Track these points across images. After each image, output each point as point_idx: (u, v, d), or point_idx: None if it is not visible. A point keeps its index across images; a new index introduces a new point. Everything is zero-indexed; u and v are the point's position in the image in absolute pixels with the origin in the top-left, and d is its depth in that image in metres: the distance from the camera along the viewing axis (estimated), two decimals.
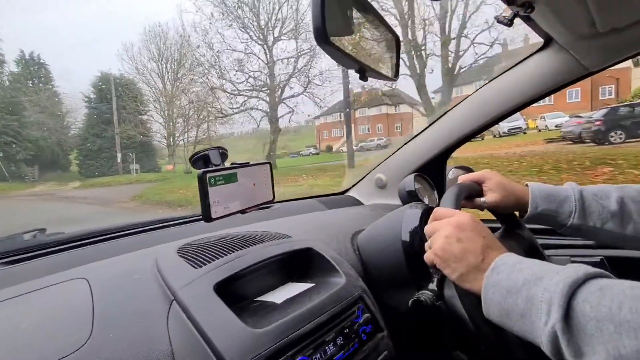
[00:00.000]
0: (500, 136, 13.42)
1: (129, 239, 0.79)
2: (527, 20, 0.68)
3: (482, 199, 0.73)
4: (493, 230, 0.89)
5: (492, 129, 12.08)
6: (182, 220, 0.92)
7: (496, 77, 0.96)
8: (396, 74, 0.56)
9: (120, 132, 19.42)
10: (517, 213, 0.79)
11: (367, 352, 0.56)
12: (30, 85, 21.44)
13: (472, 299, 0.52)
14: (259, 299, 0.60)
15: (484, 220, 1.13)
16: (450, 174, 1.23)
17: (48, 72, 22.81)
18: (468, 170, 1.27)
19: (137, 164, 19.71)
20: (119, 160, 19.28)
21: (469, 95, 1.02)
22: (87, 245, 0.75)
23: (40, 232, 0.79)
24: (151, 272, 0.58)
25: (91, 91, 21.61)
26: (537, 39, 0.84)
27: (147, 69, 20.81)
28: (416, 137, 1.16)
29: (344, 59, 0.41)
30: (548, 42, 0.82)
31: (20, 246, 0.72)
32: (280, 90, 15.80)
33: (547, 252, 0.82)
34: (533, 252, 0.79)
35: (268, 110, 15.75)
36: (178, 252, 0.63)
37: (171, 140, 20.53)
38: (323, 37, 0.36)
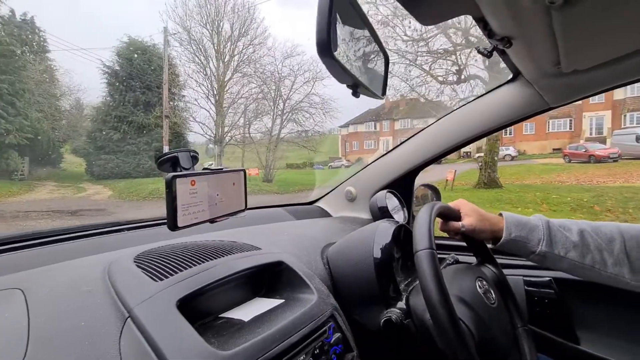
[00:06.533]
0: None
1: (77, 243, 0.70)
2: (502, 54, 0.72)
3: (461, 223, 0.75)
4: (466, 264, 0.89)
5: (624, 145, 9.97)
6: (140, 224, 0.84)
7: (467, 103, 1.01)
8: (384, 92, 0.57)
9: (160, 116, 13.47)
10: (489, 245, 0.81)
11: None
12: (19, 54, 14.87)
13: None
14: (225, 315, 0.56)
15: (461, 254, 1.12)
16: (417, 190, 1.27)
17: (43, 40, 17.03)
18: (434, 189, 1.32)
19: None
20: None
21: (441, 117, 1.07)
22: (25, 248, 0.65)
23: None
24: (103, 283, 0.52)
25: (116, 62, 15.82)
26: None
27: (199, 34, 15.45)
28: (388, 153, 1.18)
29: (341, 73, 0.40)
30: (516, 76, 0.87)
31: None
32: None
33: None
34: (503, 287, 0.81)
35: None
36: (135, 261, 0.57)
37: (221, 133, 15.94)
38: (327, 50, 0.35)
